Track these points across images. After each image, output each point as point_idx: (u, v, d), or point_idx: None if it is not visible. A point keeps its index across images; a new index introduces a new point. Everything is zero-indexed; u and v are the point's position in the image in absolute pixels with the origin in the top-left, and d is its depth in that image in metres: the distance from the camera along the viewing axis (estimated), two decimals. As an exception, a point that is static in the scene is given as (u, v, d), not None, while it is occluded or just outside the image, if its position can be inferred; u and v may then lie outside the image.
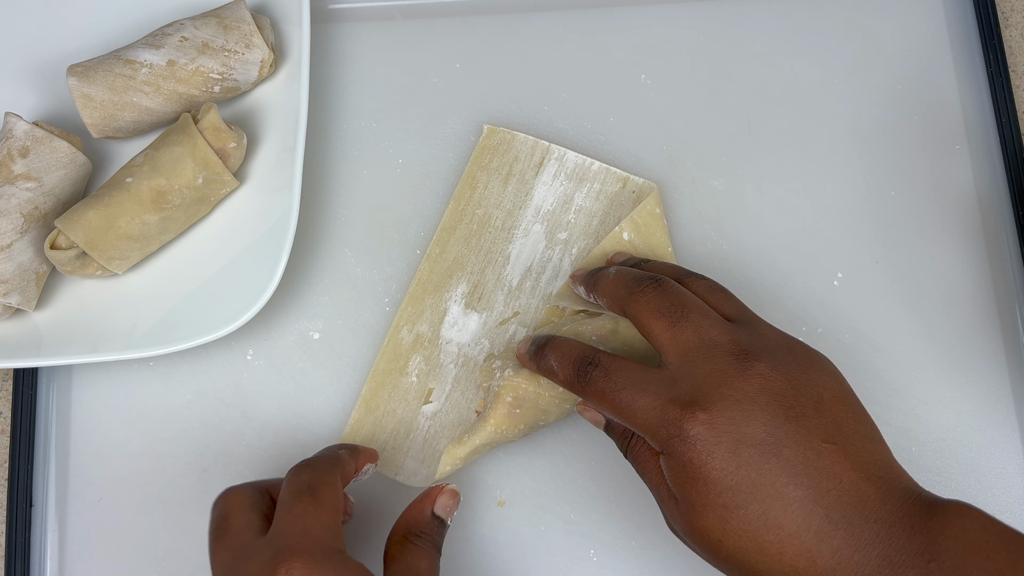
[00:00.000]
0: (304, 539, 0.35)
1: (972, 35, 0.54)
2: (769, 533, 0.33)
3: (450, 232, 0.50)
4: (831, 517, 0.33)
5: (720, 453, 0.34)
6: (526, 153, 0.51)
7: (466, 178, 0.51)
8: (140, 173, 0.47)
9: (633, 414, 0.36)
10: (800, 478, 0.33)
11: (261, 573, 0.34)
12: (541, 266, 0.50)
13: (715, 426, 0.34)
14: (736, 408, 0.34)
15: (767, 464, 0.33)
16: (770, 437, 0.34)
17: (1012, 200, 0.51)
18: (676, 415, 0.35)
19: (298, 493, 0.37)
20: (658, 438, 0.35)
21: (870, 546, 0.32)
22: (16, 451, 0.48)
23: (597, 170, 0.51)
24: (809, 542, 0.33)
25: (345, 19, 0.56)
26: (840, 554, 0.32)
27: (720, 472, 0.34)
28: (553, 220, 0.50)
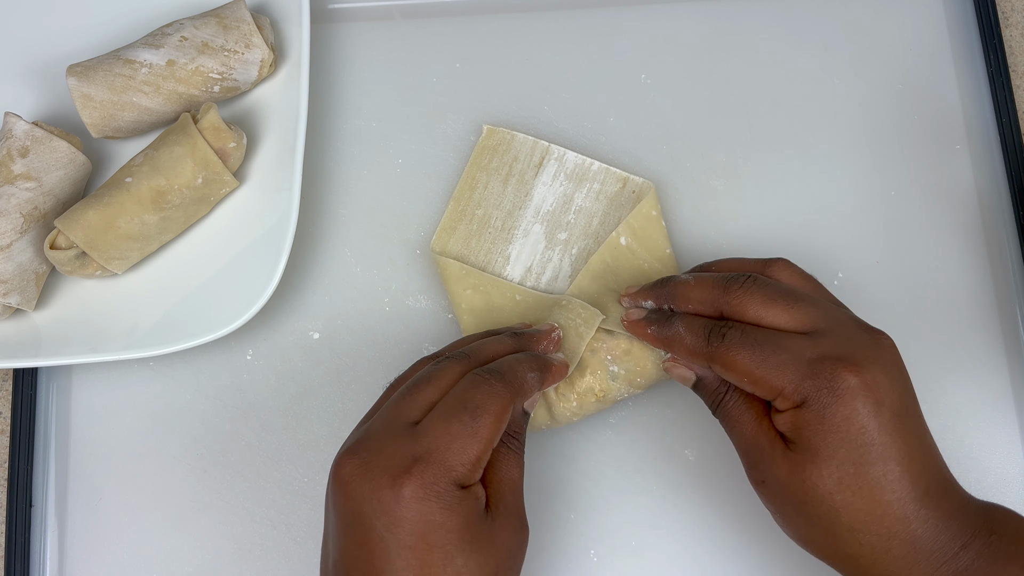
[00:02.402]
0: (436, 464, 0.35)
1: (972, 35, 0.54)
2: (884, 494, 0.35)
3: (450, 232, 0.50)
4: (928, 491, 0.36)
5: (865, 411, 0.35)
6: (526, 153, 0.51)
7: (465, 178, 0.51)
8: (140, 173, 0.47)
9: (772, 369, 0.37)
10: (915, 450, 0.36)
11: (387, 469, 0.35)
12: (541, 266, 0.49)
13: (865, 384, 0.36)
14: (881, 373, 0.36)
15: (900, 430, 0.36)
16: (903, 406, 0.36)
17: (1012, 200, 0.51)
18: (828, 368, 0.36)
19: (462, 409, 0.36)
20: (801, 390, 0.36)
21: (949, 519, 0.35)
22: (16, 451, 0.48)
23: (597, 170, 0.51)
24: (910, 508, 0.35)
25: (345, 19, 0.56)
26: (928, 523, 0.35)
27: (859, 428, 0.35)
28: (553, 220, 0.50)
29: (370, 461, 0.35)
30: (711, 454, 0.47)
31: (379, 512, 0.34)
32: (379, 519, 0.34)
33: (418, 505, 0.34)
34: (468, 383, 0.37)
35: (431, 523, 0.34)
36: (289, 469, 0.48)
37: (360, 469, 0.35)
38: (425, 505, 0.34)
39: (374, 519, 0.34)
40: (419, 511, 0.34)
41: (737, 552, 0.46)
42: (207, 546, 0.47)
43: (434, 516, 0.34)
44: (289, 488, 0.48)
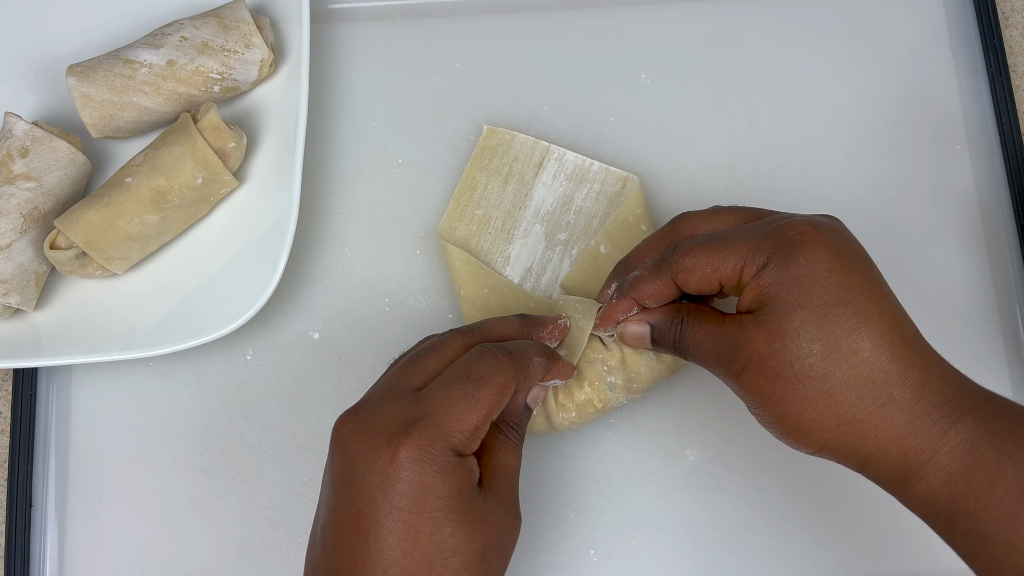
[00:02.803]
0: (434, 427, 0.35)
1: (972, 35, 0.54)
2: (864, 338, 0.34)
3: (450, 232, 0.50)
4: (917, 339, 0.35)
5: (827, 253, 0.35)
6: (526, 153, 0.51)
7: (465, 179, 0.51)
8: (140, 173, 0.47)
9: (729, 246, 0.37)
10: (888, 296, 0.36)
11: (385, 429, 0.35)
12: (541, 267, 0.49)
13: (822, 233, 0.36)
14: (833, 230, 0.36)
15: (865, 271, 0.35)
16: (864, 253, 0.36)
17: (1012, 200, 0.51)
18: (783, 226, 0.36)
19: (465, 378, 0.36)
20: (761, 250, 0.36)
21: (951, 374, 0.35)
22: (16, 451, 0.48)
23: (597, 170, 0.51)
24: (902, 352, 0.34)
25: (345, 19, 0.56)
26: (928, 371, 0.34)
27: (825, 269, 0.35)
28: (553, 221, 0.50)
29: (368, 422, 0.35)
30: (711, 454, 0.47)
31: (373, 471, 0.34)
32: (372, 478, 0.34)
33: (412, 467, 0.34)
34: (474, 354, 0.37)
35: (424, 486, 0.34)
36: (289, 469, 0.48)
37: (358, 429, 0.35)
38: (419, 467, 0.34)
39: (367, 478, 0.34)
40: (413, 473, 0.34)
41: (737, 552, 0.46)
42: (207, 546, 0.47)
43: (427, 479, 0.34)
44: (289, 488, 0.48)
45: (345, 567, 0.34)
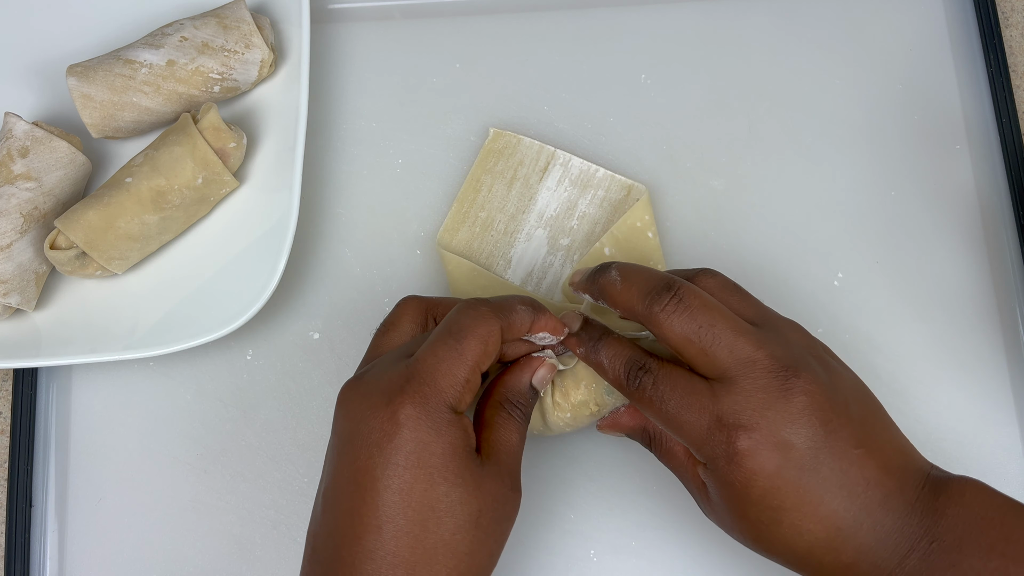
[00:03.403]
0: (427, 384, 0.36)
1: (972, 35, 0.54)
2: (801, 538, 0.35)
3: (452, 234, 0.50)
4: (858, 518, 0.35)
5: (764, 474, 0.35)
6: (531, 157, 0.51)
7: (470, 181, 0.51)
8: (140, 173, 0.47)
9: (679, 427, 0.37)
10: (836, 489, 0.35)
11: (383, 391, 0.36)
12: (542, 271, 0.49)
13: (760, 448, 0.35)
14: (780, 429, 0.35)
15: (807, 482, 0.35)
16: (810, 455, 0.35)
17: (1012, 200, 0.51)
18: (723, 437, 0.36)
19: (447, 333, 0.37)
20: (703, 453, 0.37)
21: (888, 537, 0.35)
22: (16, 451, 0.48)
23: (602, 177, 0.51)
24: (837, 543, 0.35)
25: (345, 19, 0.56)
26: (862, 549, 0.35)
27: (762, 490, 0.35)
28: (556, 226, 0.50)
29: (369, 384, 0.37)
30: (711, 454, 0.47)
31: (372, 428, 0.35)
32: (371, 436, 0.35)
33: (409, 423, 0.35)
34: (456, 310, 0.38)
35: (419, 442, 0.35)
36: (289, 469, 0.48)
37: (360, 393, 0.37)
38: (416, 423, 0.35)
39: (367, 436, 0.35)
40: (410, 429, 0.35)
41: (737, 552, 0.46)
42: (207, 546, 0.47)
43: (423, 435, 0.35)
44: (289, 488, 0.48)
45: (344, 527, 0.35)
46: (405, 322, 0.41)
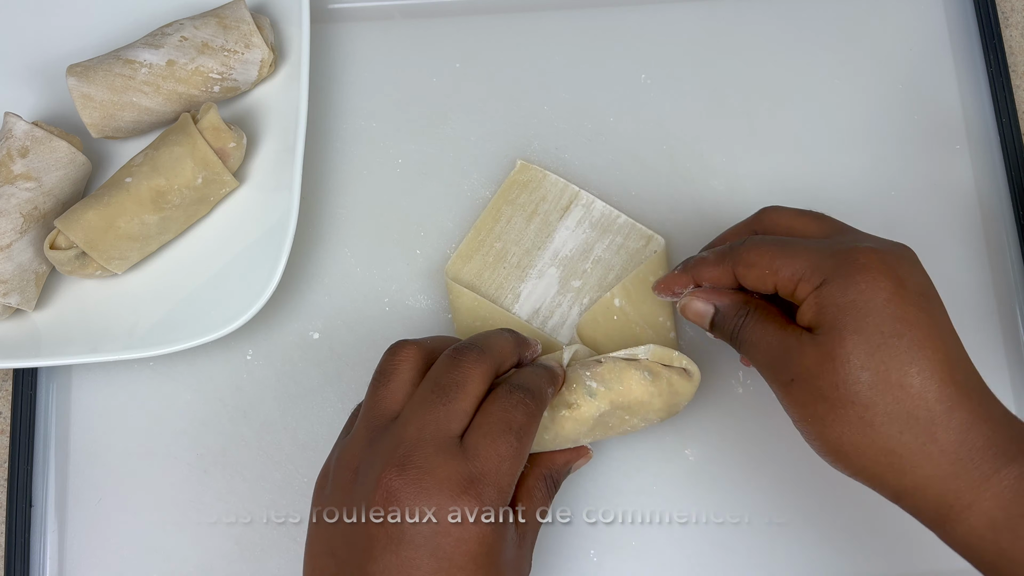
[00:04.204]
0: (491, 486, 0.35)
1: (972, 35, 0.54)
2: (916, 368, 0.34)
3: (465, 260, 0.50)
4: (969, 381, 0.35)
5: (888, 284, 0.35)
6: (554, 195, 0.51)
7: (490, 209, 0.50)
8: (140, 173, 0.47)
9: (794, 254, 0.37)
10: (947, 334, 0.35)
11: (445, 488, 0.34)
12: (549, 310, 0.49)
13: (886, 262, 0.36)
14: (899, 257, 0.36)
15: (925, 307, 0.35)
16: (927, 289, 0.36)
17: (1012, 200, 0.51)
18: (848, 249, 0.36)
19: (508, 430, 0.36)
20: (822, 269, 0.36)
21: (1000, 419, 0.34)
22: (16, 451, 0.48)
23: (622, 224, 0.50)
24: (951, 392, 0.34)
25: (345, 19, 0.56)
26: (975, 415, 0.34)
27: (884, 300, 0.35)
28: (569, 266, 0.49)
29: (423, 479, 0.35)
30: (711, 454, 0.47)
31: (436, 531, 0.34)
32: (433, 539, 0.34)
33: (475, 527, 0.34)
34: (506, 403, 0.37)
35: (484, 544, 0.34)
36: (289, 469, 0.48)
37: (414, 486, 0.34)
38: (479, 527, 0.34)
39: (429, 538, 0.34)
40: (476, 533, 0.34)
41: (737, 552, 0.46)
42: (207, 546, 0.47)
43: (487, 537, 0.35)
44: (289, 488, 0.48)
45: None
46: (405, 371, 0.39)
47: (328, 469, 0.39)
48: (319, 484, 0.39)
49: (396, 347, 0.40)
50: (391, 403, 0.38)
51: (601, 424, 0.42)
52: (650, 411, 0.43)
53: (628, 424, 0.43)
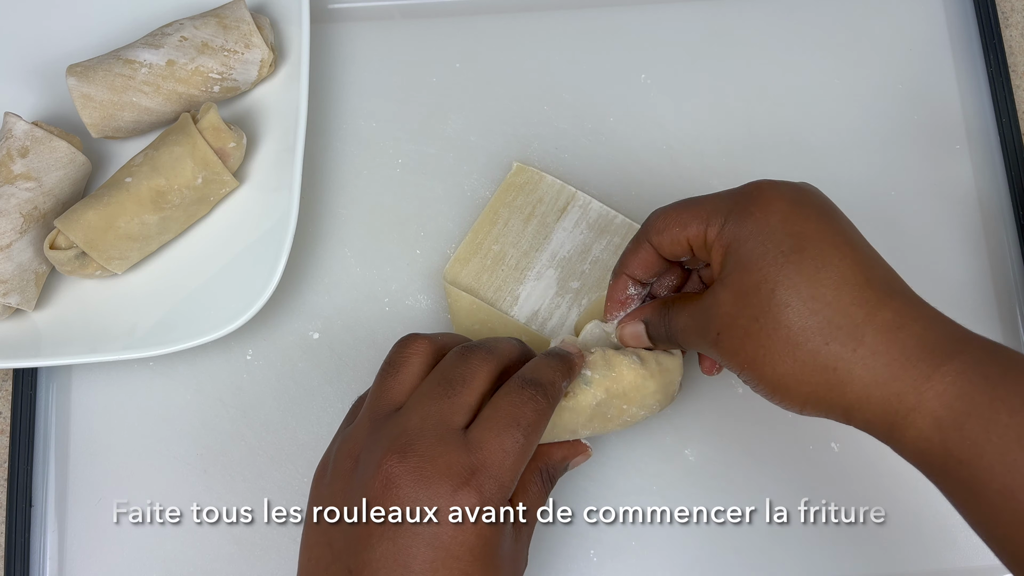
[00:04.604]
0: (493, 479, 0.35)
1: (972, 35, 0.54)
2: (825, 282, 0.34)
3: (463, 263, 0.49)
4: (890, 284, 0.34)
5: (784, 205, 0.35)
6: (551, 196, 0.51)
7: (488, 212, 0.50)
8: (140, 173, 0.47)
9: (697, 205, 0.38)
10: (853, 241, 0.35)
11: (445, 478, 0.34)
12: (548, 312, 0.49)
13: (781, 188, 0.36)
14: (796, 185, 0.37)
15: (825, 220, 0.35)
16: (826, 205, 0.36)
17: (1012, 200, 0.51)
18: (742, 188, 0.37)
19: (515, 425, 0.36)
20: (721, 210, 0.36)
21: (932, 319, 0.34)
22: (16, 451, 0.48)
23: (619, 224, 0.50)
24: (869, 294, 0.33)
25: (345, 19, 0.56)
26: (902, 315, 0.33)
27: (782, 219, 0.35)
28: (568, 268, 0.49)
29: (424, 467, 0.35)
30: (711, 454, 0.47)
31: (432, 520, 0.34)
32: (431, 527, 0.34)
33: (474, 519, 0.34)
34: (516, 398, 0.37)
35: (481, 536, 0.34)
36: (289, 469, 0.48)
37: (414, 474, 0.34)
38: (479, 519, 0.34)
39: (425, 526, 0.34)
40: (475, 525, 0.34)
41: (737, 552, 0.46)
42: (207, 546, 0.47)
43: (485, 530, 0.34)
44: (289, 488, 0.48)
45: None
46: (414, 364, 0.39)
47: (328, 459, 0.39)
48: (318, 475, 0.39)
49: (407, 340, 0.40)
50: (397, 394, 0.38)
51: (599, 415, 0.42)
52: (646, 395, 0.42)
53: (627, 414, 0.43)
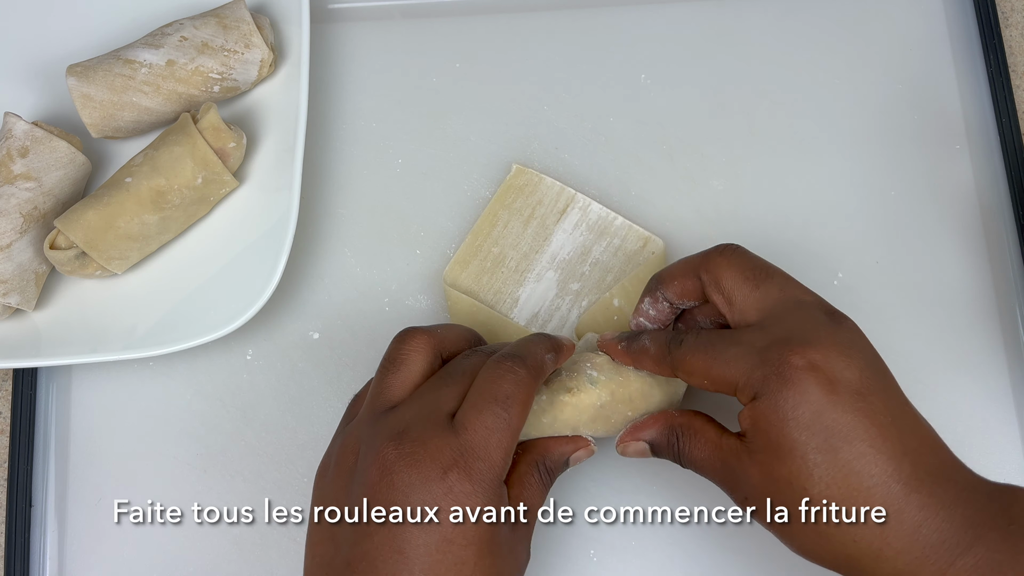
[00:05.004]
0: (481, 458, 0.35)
1: (972, 35, 0.54)
2: (857, 479, 0.33)
3: (463, 266, 0.49)
4: (916, 473, 0.33)
5: (817, 391, 0.34)
6: (551, 198, 0.51)
7: (487, 214, 0.50)
8: (140, 173, 0.47)
9: (727, 361, 0.36)
10: (888, 429, 0.34)
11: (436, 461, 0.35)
12: (548, 314, 0.49)
13: (813, 364, 0.34)
14: (833, 351, 0.35)
15: (861, 408, 0.34)
16: (863, 384, 0.34)
17: (1012, 200, 0.51)
18: (776, 354, 0.35)
19: (493, 400, 0.36)
20: (752, 382, 0.35)
21: (953, 506, 0.33)
22: (16, 451, 0.48)
23: (619, 225, 0.50)
24: (896, 491, 0.33)
25: (345, 19, 0.56)
26: (926, 510, 0.33)
27: (815, 412, 0.34)
28: (568, 269, 0.49)
29: (416, 452, 0.35)
30: (711, 454, 0.47)
31: (426, 501, 0.34)
32: (424, 509, 0.34)
33: (467, 499, 0.34)
34: (493, 371, 0.37)
35: (480, 524, 0.35)
36: (289, 469, 0.48)
37: (408, 459, 0.35)
38: (472, 499, 0.35)
39: (419, 508, 0.34)
40: (468, 505, 0.34)
41: (737, 552, 0.46)
42: (207, 546, 0.47)
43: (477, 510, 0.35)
44: (289, 488, 0.48)
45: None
46: (416, 360, 0.39)
47: (329, 457, 0.39)
48: (319, 473, 0.40)
49: (406, 334, 0.40)
50: (398, 390, 0.38)
51: (602, 417, 0.42)
52: (652, 404, 0.42)
53: (631, 421, 0.43)
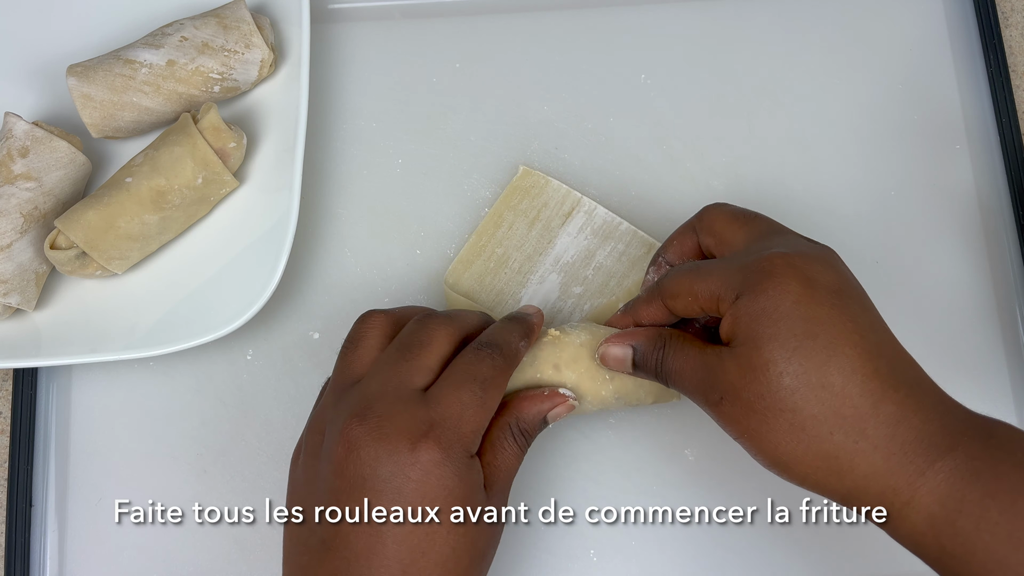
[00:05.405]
0: (451, 430, 0.35)
1: (972, 35, 0.54)
2: (834, 372, 0.34)
3: (466, 266, 0.49)
4: (894, 374, 0.34)
5: (797, 285, 0.35)
6: (556, 201, 0.50)
7: (492, 215, 0.50)
8: (140, 173, 0.47)
9: (710, 274, 0.37)
10: (866, 330, 0.35)
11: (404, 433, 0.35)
12: (550, 316, 0.49)
13: (794, 264, 0.35)
14: (811, 259, 0.36)
15: (839, 305, 0.35)
16: (841, 287, 0.35)
17: (1012, 200, 0.51)
18: (757, 258, 0.36)
19: (471, 379, 0.37)
20: (734, 283, 0.36)
21: (931, 411, 0.34)
22: (16, 451, 0.48)
23: (624, 231, 0.50)
24: (875, 388, 0.33)
25: (345, 19, 0.56)
26: (904, 408, 0.33)
27: (794, 302, 0.34)
28: (571, 273, 0.49)
29: (383, 426, 0.35)
30: (711, 454, 0.47)
31: (395, 473, 0.34)
32: (392, 481, 0.34)
33: (435, 470, 0.35)
34: (472, 357, 0.38)
35: (445, 488, 0.35)
36: (289, 469, 0.48)
37: (374, 433, 0.35)
38: (441, 470, 0.35)
39: (387, 481, 0.35)
40: (436, 476, 0.35)
41: (737, 553, 0.46)
42: (207, 546, 0.47)
43: (447, 482, 0.35)
44: (289, 488, 0.48)
45: (357, 571, 0.35)
46: (372, 337, 0.40)
47: (301, 441, 0.40)
48: (292, 459, 0.40)
49: (365, 316, 0.41)
50: (358, 367, 0.39)
51: (584, 358, 0.41)
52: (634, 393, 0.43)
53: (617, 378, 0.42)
